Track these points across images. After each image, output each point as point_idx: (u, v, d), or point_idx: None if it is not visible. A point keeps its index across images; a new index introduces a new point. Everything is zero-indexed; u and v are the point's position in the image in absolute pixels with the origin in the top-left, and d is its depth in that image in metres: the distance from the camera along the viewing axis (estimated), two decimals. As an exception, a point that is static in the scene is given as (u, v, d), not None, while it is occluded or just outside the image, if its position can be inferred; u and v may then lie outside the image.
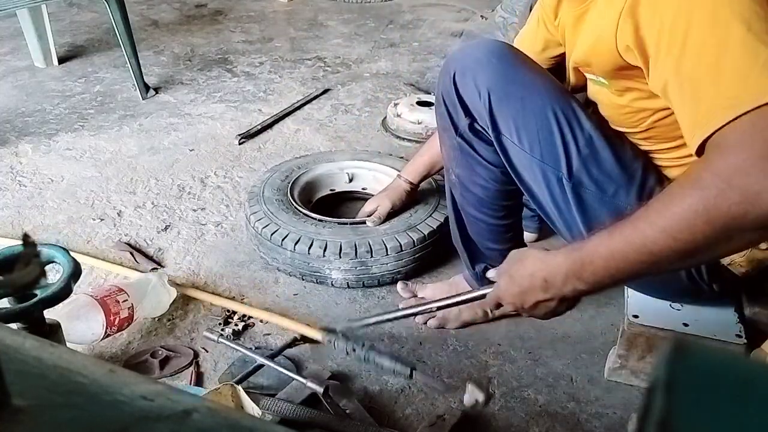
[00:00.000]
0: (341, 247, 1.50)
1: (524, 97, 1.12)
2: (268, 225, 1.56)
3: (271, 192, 1.67)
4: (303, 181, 1.77)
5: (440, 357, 1.38)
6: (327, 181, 1.84)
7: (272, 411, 1.18)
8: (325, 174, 1.83)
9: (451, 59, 1.24)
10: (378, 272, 1.53)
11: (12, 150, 2.15)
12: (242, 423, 0.39)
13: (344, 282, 1.53)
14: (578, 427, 1.23)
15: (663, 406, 0.26)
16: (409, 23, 3.35)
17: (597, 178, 1.12)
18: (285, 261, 1.54)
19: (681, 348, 0.28)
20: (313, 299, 1.53)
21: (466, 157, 1.24)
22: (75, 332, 1.28)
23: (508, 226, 1.33)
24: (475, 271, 1.41)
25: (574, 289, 0.93)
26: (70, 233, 1.75)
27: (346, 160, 1.86)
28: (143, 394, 0.38)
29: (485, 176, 1.25)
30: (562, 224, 1.19)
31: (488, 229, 1.32)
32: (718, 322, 1.27)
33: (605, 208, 1.13)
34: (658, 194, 0.85)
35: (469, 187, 1.28)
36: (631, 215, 0.86)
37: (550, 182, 1.14)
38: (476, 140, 1.22)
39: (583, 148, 1.12)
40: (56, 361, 0.41)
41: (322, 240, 1.50)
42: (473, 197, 1.29)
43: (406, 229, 1.55)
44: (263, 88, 2.63)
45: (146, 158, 2.12)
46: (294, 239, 1.52)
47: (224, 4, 3.56)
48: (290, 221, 1.57)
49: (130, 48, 2.43)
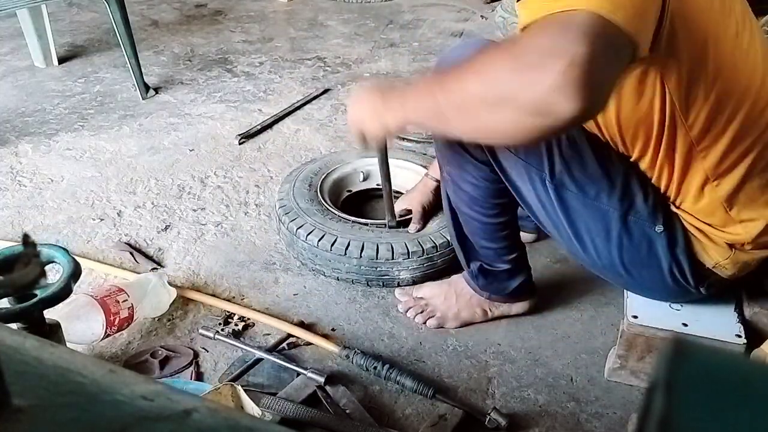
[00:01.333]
0: (407, 247, 1.53)
1: None
2: (324, 236, 1.55)
3: (305, 203, 1.65)
4: (328, 185, 1.77)
5: (440, 357, 1.38)
6: (346, 181, 1.85)
7: (272, 410, 1.18)
8: (344, 175, 1.84)
9: (442, 58, 1.25)
10: (443, 264, 1.56)
11: (12, 150, 2.15)
12: (242, 423, 0.39)
13: (411, 280, 1.55)
14: (578, 427, 1.23)
15: (663, 406, 0.26)
16: (409, 23, 3.35)
17: (579, 179, 1.13)
18: (350, 269, 1.54)
19: (681, 348, 0.28)
20: (313, 299, 1.53)
21: (457, 155, 1.24)
22: (75, 332, 1.28)
23: (501, 224, 1.32)
24: (471, 269, 1.41)
25: (389, 109, 1.00)
26: (70, 233, 1.75)
27: (356, 159, 1.86)
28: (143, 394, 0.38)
29: (475, 174, 1.25)
30: (550, 224, 1.20)
31: (482, 228, 1.32)
32: (718, 322, 1.27)
33: (587, 210, 1.14)
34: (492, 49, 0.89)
35: (460, 185, 1.28)
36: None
37: (535, 183, 1.15)
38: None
39: (566, 150, 1.12)
40: (56, 361, 0.41)
41: (387, 244, 1.53)
42: (465, 195, 1.29)
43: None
44: (263, 88, 2.63)
45: (146, 158, 2.12)
46: (358, 246, 1.52)
47: (224, 4, 3.56)
48: (344, 229, 1.56)
49: (130, 48, 2.43)
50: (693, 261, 1.17)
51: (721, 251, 1.16)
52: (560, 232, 1.20)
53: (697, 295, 1.22)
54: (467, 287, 1.44)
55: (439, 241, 1.56)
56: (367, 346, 1.40)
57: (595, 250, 1.18)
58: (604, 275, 1.29)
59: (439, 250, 1.55)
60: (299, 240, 1.57)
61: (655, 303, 1.29)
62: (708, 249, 1.16)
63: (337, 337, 1.43)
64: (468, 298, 1.44)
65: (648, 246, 1.16)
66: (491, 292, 1.41)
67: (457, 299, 1.45)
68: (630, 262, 1.18)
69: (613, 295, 1.53)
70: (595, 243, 1.17)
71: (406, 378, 1.27)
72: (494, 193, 1.27)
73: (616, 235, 1.15)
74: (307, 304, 1.52)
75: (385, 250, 1.52)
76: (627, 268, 1.19)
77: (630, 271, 1.20)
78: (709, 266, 1.18)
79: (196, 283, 1.57)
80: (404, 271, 1.54)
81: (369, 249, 1.51)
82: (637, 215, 1.14)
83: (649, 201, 1.13)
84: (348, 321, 1.47)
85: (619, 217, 1.14)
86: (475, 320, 1.45)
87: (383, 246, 1.52)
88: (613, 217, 1.14)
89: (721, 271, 1.18)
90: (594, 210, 1.14)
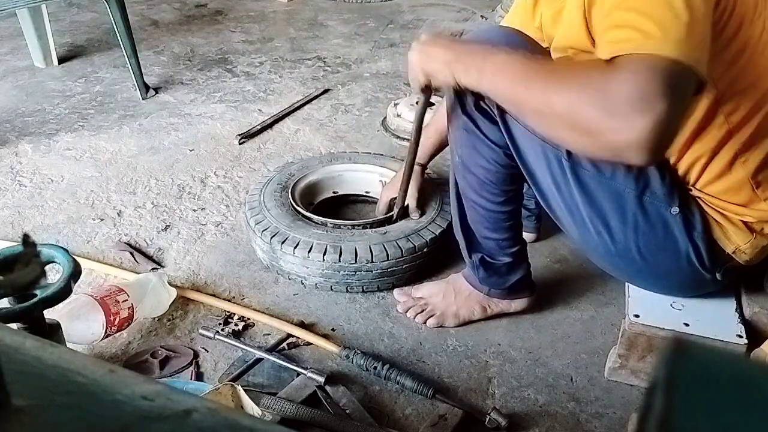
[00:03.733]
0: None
1: None
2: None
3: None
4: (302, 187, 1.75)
5: (440, 357, 1.38)
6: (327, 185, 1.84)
7: (272, 410, 1.18)
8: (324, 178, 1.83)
9: (477, 34, 1.29)
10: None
11: (12, 150, 2.15)
12: (242, 423, 0.39)
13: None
14: (578, 427, 1.23)
15: (663, 406, 0.26)
16: (409, 23, 3.35)
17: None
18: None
19: (681, 348, 0.28)
20: (312, 299, 1.53)
21: (471, 136, 1.25)
22: (75, 332, 1.28)
23: (506, 213, 1.33)
24: (472, 260, 1.41)
25: (465, 71, 1.05)
26: (70, 233, 1.75)
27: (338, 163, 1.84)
28: (143, 394, 0.38)
29: (488, 156, 1.25)
30: (563, 208, 1.20)
31: (486, 215, 1.33)
32: (719, 322, 1.27)
33: (603, 189, 1.15)
34: (568, 61, 0.98)
35: (471, 168, 1.29)
36: (544, 59, 1.01)
37: (551, 163, 1.16)
38: (481, 119, 1.23)
39: None
40: (56, 361, 0.41)
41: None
42: (474, 179, 1.29)
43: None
44: (263, 88, 2.63)
45: (146, 158, 2.12)
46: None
47: (224, 4, 3.56)
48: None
49: (130, 48, 2.43)
50: (711, 246, 1.18)
51: (741, 235, 1.17)
52: (573, 216, 1.20)
53: (712, 282, 1.22)
54: (466, 284, 1.44)
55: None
56: (367, 346, 1.40)
57: (609, 234, 1.18)
58: (615, 265, 1.28)
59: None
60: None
61: (657, 303, 1.30)
62: (729, 233, 1.17)
63: (337, 337, 1.43)
64: (467, 296, 1.44)
65: (664, 229, 1.16)
66: (491, 286, 1.42)
67: (455, 297, 1.45)
68: (645, 246, 1.18)
69: (613, 295, 1.53)
70: (610, 226, 1.17)
71: (406, 378, 1.27)
72: (504, 179, 1.27)
73: (631, 216, 1.15)
74: (307, 304, 1.52)
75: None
76: (642, 252, 1.19)
77: (645, 256, 1.19)
78: (729, 251, 1.18)
79: (196, 283, 1.57)
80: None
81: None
82: (653, 196, 1.14)
83: (666, 181, 1.14)
84: (348, 321, 1.47)
85: (635, 198, 1.14)
86: (474, 318, 1.45)
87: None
88: (628, 198, 1.14)
89: (740, 256, 1.19)
90: (609, 190, 1.14)
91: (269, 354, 1.32)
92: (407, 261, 1.52)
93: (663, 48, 0.86)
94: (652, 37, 0.87)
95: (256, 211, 1.61)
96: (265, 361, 1.32)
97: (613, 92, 0.87)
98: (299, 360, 1.35)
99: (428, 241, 1.54)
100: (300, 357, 1.36)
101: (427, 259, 1.56)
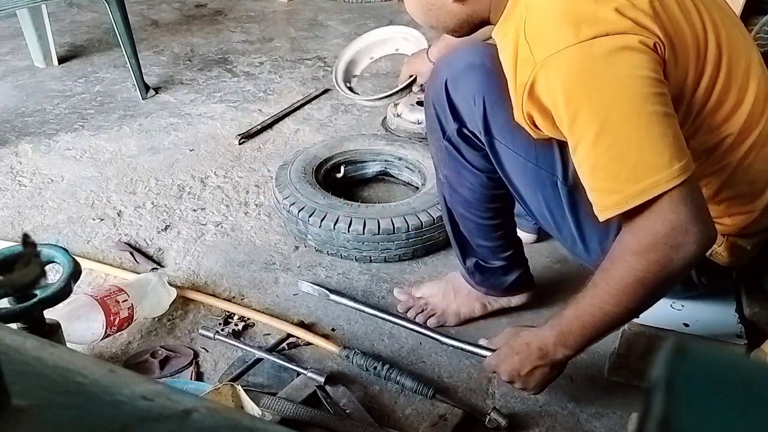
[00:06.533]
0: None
1: None
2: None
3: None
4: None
5: (440, 357, 1.38)
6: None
7: (272, 410, 1.18)
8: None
9: (443, 63, 1.24)
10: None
11: (12, 150, 2.15)
12: (242, 423, 0.39)
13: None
14: (578, 427, 1.23)
15: (663, 406, 0.26)
16: (409, 23, 3.35)
17: None
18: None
19: (681, 348, 0.28)
20: (312, 299, 1.53)
21: (453, 160, 1.25)
22: (75, 332, 1.28)
23: (496, 225, 1.33)
24: (467, 266, 1.41)
25: (564, 355, 1.09)
26: (70, 233, 1.75)
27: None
28: (143, 394, 0.38)
29: (471, 180, 1.26)
30: (554, 226, 1.20)
31: (477, 228, 1.33)
32: (719, 322, 1.27)
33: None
34: (604, 268, 1.02)
35: (456, 188, 1.29)
36: (589, 284, 1.04)
37: (545, 186, 1.15)
38: (464, 145, 1.22)
39: None
40: (56, 361, 0.41)
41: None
42: (461, 198, 1.30)
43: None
44: (263, 88, 2.63)
45: (146, 158, 2.12)
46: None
47: (224, 4, 3.55)
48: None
49: (130, 48, 2.43)
50: None
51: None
52: (563, 234, 1.20)
53: (699, 286, 1.22)
54: (465, 283, 1.44)
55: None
56: (367, 346, 1.40)
57: (601, 250, 1.18)
58: None
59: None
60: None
61: (657, 303, 1.29)
62: None
63: (337, 337, 1.43)
64: (466, 294, 1.44)
65: None
66: (488, 288, 1.42)
67: (455, 296, 1.45)
68: None
69: (613, 295, 1.53)
70: (603, 244, 1.17)
71: (406, 378, 1.27)
72: (490, 198, 1.28)
73: (617, 229, 1.15)
74: (307, 304, 1.52)
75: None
76: None
77: None
78: (706, 255, 1.18)
79: (196, 283, 1.57)
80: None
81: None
82: None
83: None
84: (348, 321, 1.47)
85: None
86: (474, 315, 1.45)
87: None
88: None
89: (718, 258, 1.18)
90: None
91: (269, 354, 1.32)
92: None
93: (668, 181, 0.90)
94: (656, 172, 0.90)
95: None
96: (265, 361, 1.32)
97: (651, 276, 0.95)
98: (299, 360, 1.35)
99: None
100: (300, 357, 1.36)
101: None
